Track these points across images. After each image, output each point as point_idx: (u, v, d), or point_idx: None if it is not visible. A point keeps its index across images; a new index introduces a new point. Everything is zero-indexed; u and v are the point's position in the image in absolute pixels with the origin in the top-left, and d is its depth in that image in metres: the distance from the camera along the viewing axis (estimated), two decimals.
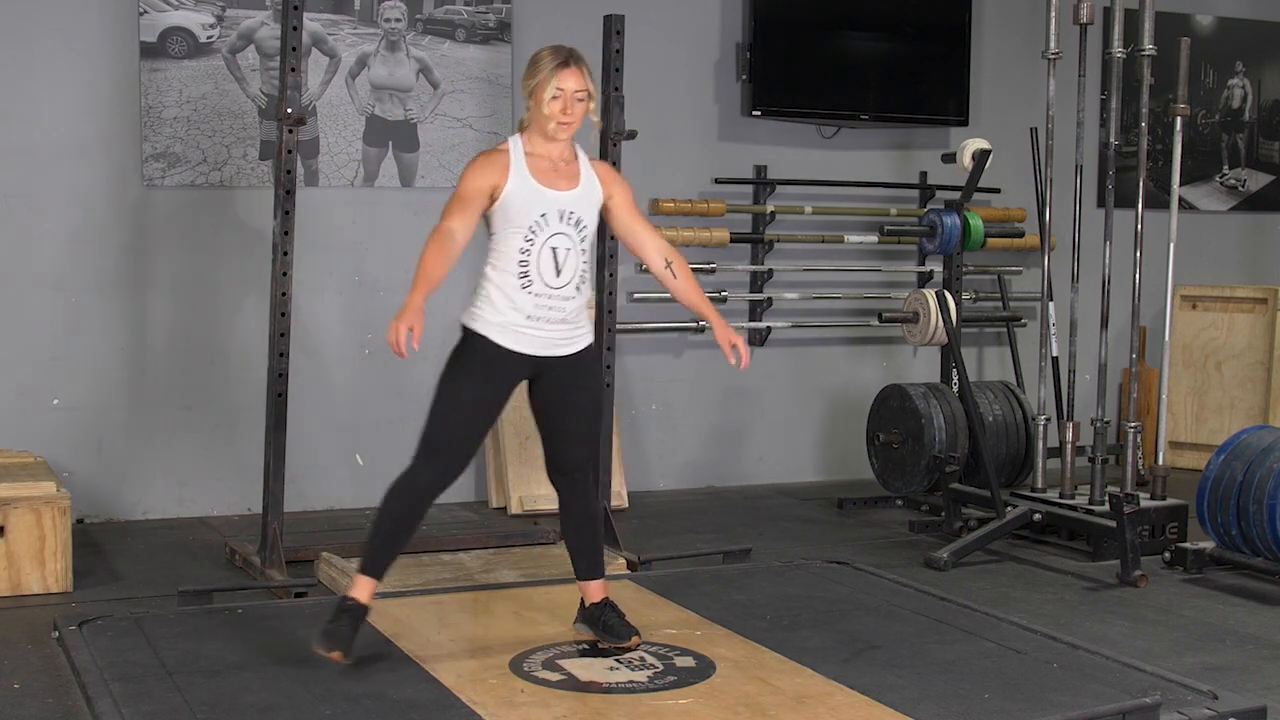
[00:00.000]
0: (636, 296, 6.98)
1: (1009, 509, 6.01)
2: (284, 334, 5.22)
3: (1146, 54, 5.92)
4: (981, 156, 6.46)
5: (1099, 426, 6.04)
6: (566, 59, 3.96)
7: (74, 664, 4.07)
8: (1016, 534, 6.04)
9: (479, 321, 3.99)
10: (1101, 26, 6.72)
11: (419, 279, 3.83)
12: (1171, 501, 5.97)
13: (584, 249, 4.04)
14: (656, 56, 6.98)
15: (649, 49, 6.83)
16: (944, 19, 7.58)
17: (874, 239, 7.44)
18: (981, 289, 7.83)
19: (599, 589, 4.28)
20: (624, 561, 5.38)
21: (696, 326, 7.09)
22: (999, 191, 7.78)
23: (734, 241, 7.19)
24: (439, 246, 3.87)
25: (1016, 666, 4.12)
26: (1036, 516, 5.95)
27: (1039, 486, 6.19)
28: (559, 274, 3.97)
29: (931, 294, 6.55)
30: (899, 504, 6.80)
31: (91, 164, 6.22)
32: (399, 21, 6.65)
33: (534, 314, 3.97)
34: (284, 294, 5.20)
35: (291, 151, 5.17)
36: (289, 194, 5.15)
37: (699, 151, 7.23)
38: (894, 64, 7.53)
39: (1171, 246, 5.98)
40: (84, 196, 6.21)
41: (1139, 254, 5.99)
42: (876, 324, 7.08)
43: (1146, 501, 5.86)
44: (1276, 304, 7.68)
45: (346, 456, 6.66)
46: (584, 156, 4.13)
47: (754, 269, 7.31)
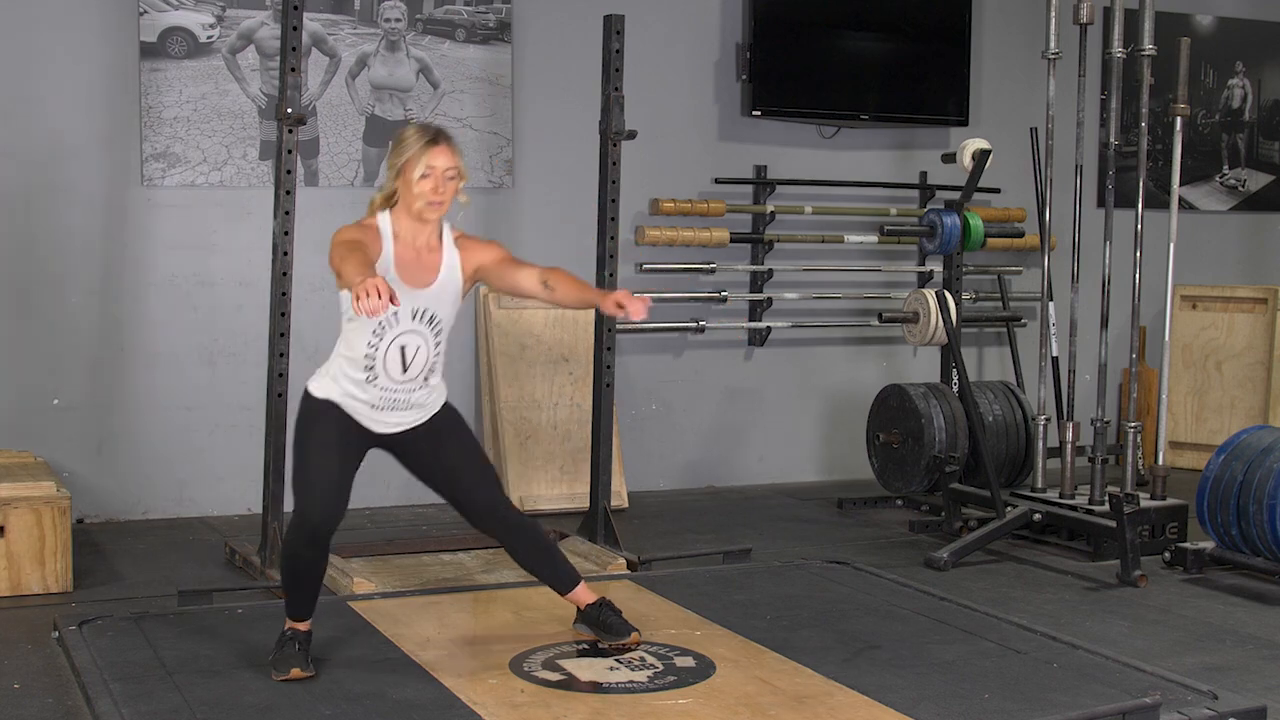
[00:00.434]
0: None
1: (1009, 509, 6.01)
2: (284, 334, 5.22)
3: (1146, 54, 5.92)
4: (981, 156, 6.46)
5: (1099, 426, 6.04)
6: (435, 136, 3.86)
7: (74, 664, 4.07)
8: (1016, 534, 6.04)
9: (323, 390, 3.91)
10: (1101, 26, 6.72)
11: (352, 270, 3.55)
12: (1171, 501, 5.97)
13: (437, 341, 3.94)
14: (656, 56, 6.98)
15: (649, 49, 6.84)
16: (944, 19, 7.58)
17: (874, 239, 7.44)
18: (981, 289, 7.83)
19: (586, 592, 4.29)
20: (624, 561, 5.37)
21: (696, 327, 7.07)
22: (999, 191, 7.78)
23: (734, 241, 7.18)
24: (348, 249, 3.66)
25: (1016, 666, 4.12)
26: (1036, 516, 5.95)
27: (1039, 486, 6.19)
28: (405, 370, 3.89)
29: (931, 294, 6.55)
30: (899, 504, 6.80)
31: (91, 164, 6.22)
32: (399, 21, 6.65)
33: (378, 404, 3.92)
34: (284, 294, 5.20)
35: (291, 151, 5.17)
36: (289, 194, 5.15)
37: (699, 151, 7.23)
38: (894, 64, 7.53)
39: (1171, 246, 5.97)
40: (84, 196, 6.21)
41: (1139, 254, 5.99)
42: (876, 324, 7.08)
43: (1146, 501, 5.85)
44: (1276, 304, 7.68)
45: None
46: (448, 236, 3.98)
47: (754, 269, 7.30)
